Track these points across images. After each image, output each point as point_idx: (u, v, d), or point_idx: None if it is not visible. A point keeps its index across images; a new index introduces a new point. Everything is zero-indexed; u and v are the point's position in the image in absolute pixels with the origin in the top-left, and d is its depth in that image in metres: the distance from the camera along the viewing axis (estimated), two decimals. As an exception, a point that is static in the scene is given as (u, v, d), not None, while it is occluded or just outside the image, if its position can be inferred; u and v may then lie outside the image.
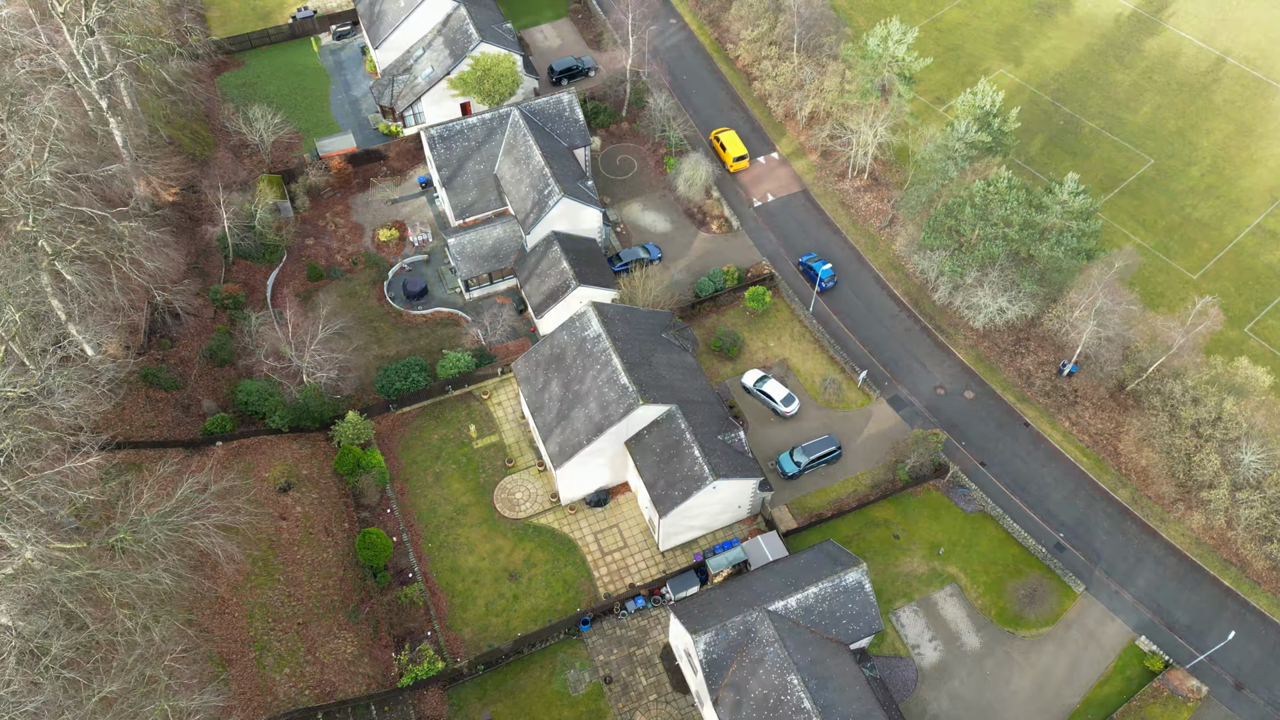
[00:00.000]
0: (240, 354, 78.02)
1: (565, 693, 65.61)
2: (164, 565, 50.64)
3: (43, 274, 60.46)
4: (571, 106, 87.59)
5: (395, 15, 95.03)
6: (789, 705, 56.21)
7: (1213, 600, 69.49)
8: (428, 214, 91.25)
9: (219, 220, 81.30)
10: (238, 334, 79.03)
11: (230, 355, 77.63)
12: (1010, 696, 65.62)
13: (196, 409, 73.86)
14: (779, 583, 61.93)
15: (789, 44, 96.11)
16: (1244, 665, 66.40)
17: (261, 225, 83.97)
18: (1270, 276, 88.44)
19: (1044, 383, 79.74)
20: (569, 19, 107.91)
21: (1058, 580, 70.02)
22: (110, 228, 60.62)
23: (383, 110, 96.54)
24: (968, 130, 77.36)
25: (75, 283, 59.28)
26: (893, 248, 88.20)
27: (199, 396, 74.74)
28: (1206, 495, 68.96)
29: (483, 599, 69.38)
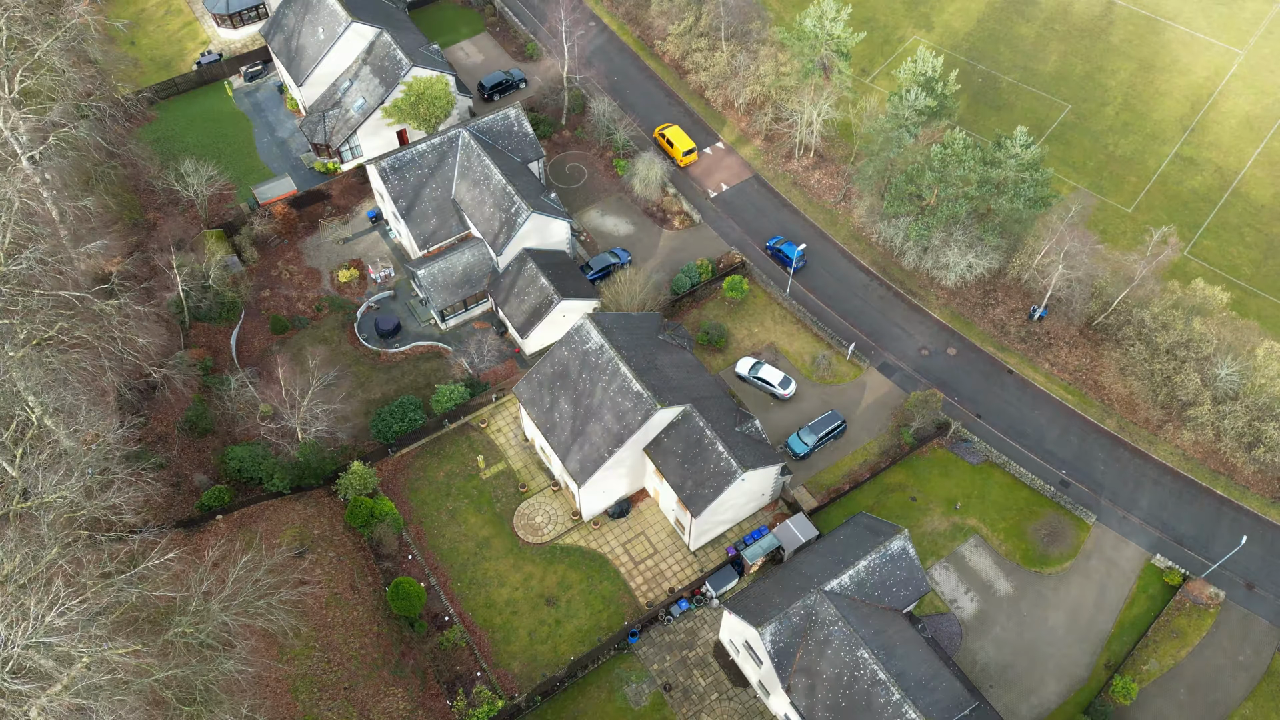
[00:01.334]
0: (221, 420, 74.35)
1: (627, 707, 65.08)
2: (236, 653, 47.86)
3: (13, 368, 56.29)
4: (519, 121, 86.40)
5: (316, 49, 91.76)
6: (863, 679, 57.15)
7: (1211, 510, 73.75)
8: (384, 248, 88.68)
9: (172, 284, 77.13)
10: (213, 400, 75.27)
11: (210, 423, 73.89)
12: (1049, 633, 68.22)
13: (187, 484, 70.19)
14: (826, 562, 62.78)
15: (717, 34, 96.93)
16: (1250, 566, 70.67)
17: (216, 284, 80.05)
18: (1196, 201, 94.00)
19: (1018, 330, 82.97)
20: (487, 33, 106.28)
21: (1070, 515, 73.10)
22: (92, 307, 56.76)
23: (316, 148, 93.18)
24: (917, 98, 79.61)
25: (60, 370, 55.28)
26: (852, 220, 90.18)
27: (186, 471, 71.00)
28: (1192, 413, 73.05)
29: (524, 629, 68.11)
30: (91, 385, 57.53)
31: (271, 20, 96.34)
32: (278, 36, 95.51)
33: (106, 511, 48.53)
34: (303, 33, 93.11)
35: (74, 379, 55.39)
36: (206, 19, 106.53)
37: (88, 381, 57.11)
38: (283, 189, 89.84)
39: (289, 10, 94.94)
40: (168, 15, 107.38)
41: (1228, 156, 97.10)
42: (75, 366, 56.06)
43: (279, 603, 51.60)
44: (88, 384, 57.18)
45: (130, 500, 53.28)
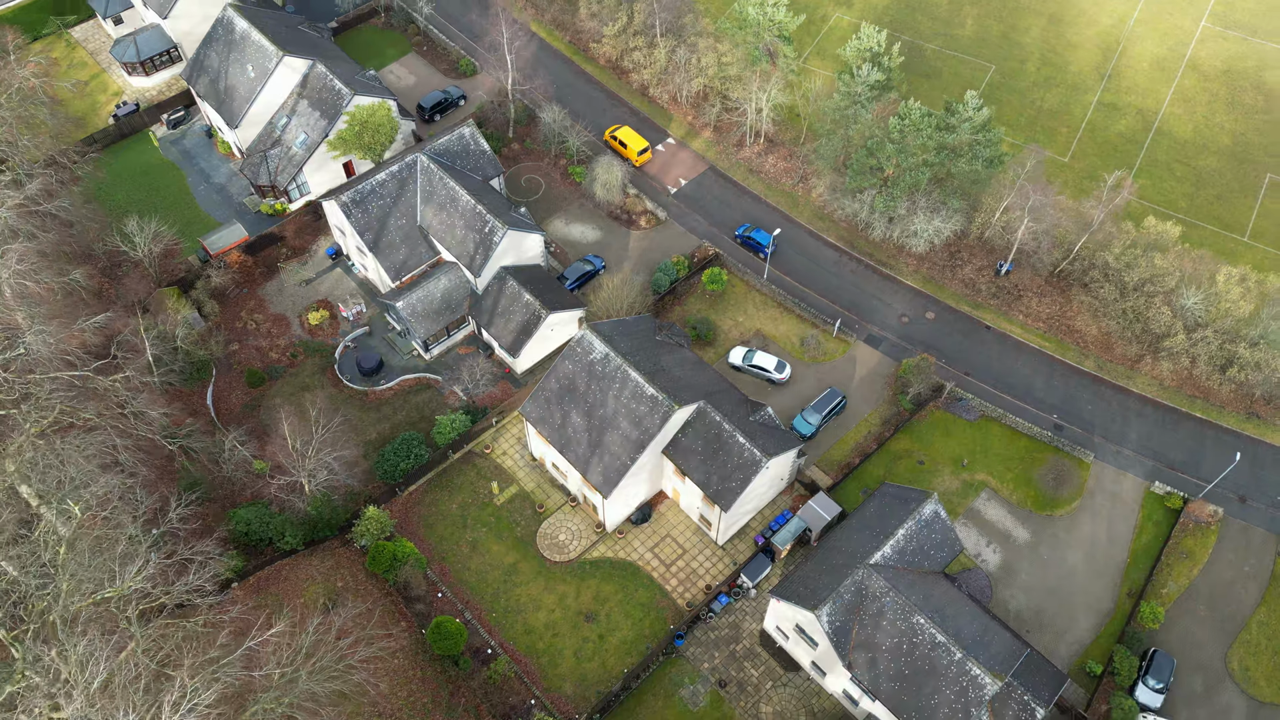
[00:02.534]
0: (219, 484, 71.07)
1: (686, 710, 64.98)
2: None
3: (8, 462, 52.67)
4: (475, 139, 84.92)
5: (248, 89, 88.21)
6: (923, 644, 58.40)
7: (1195, 434, 77.75)
8: (349, 285, 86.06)
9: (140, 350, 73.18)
10: (202, 464, 71.87)
11: (207, 490, 70.53)
12: (1070, 572, 70.90)
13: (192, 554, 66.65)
14: (864, 537, 63.82)
15: (653, 31, 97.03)
16: (1238, 480, 74.70)
17: (184, 344, 76.36)
18: (1123, 143, 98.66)
19: (988, 286, 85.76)
20: (415, 54, 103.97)
21: (1069, 457, 76.03)
22: (93, 386, 53.37)
23: (260, 190, 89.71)
24: (869, 73, 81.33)
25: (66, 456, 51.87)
26: (813, 200, 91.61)
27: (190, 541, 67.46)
28: (1168, 344, 76.81)
29: (569, 649, 67.29)
30: (113, 465, 54.27)
31: (192, 63, 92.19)
32: (202, 79, 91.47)
33: (191, 595, 45.86)
34: (230, 73, 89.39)
35: (89, 463, 52.11)
36: (115, 69, 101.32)
37: (108, 463, 53.82)
38: (233, 236, 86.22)
39: (211, 51, 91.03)
40: (72, 69, 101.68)
41: (1145, 98, 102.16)
42: (96, 448, 52.73)
43: (359, 661, 49.66)
44: (108, 465, 53.91)
45: (210, 579, 50.94)
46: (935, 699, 57.57)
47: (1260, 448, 76.86)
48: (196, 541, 66.51)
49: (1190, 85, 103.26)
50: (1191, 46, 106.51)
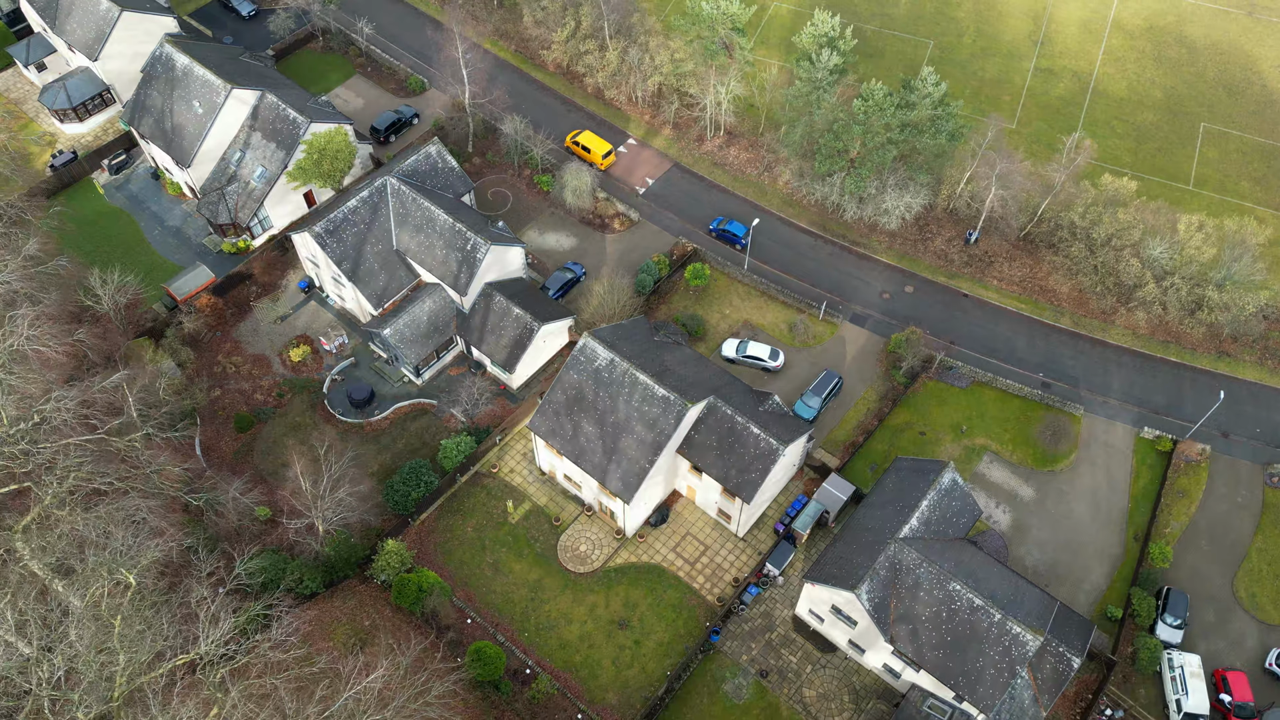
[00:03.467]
0: (223, 536, 68.63)
1: (732, 704, 65.24)
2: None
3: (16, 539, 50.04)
4: (442, 156, 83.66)
5: (197, 125, 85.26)
6: (961, 610, 59.68)
7: (1171, 377, 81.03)
8: (327, 317, 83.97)
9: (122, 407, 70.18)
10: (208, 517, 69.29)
11: (213, 543, 68.04)
12: (1078, 523, 73.23)
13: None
14: (888, 512, 64.87)
15: (602, 34, 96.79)
16: (1217, 416, 77.99)
17: (166, 395, 73.48)
18: (1063, 105, 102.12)
19: (959, 256, 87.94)
20: (360, 75, 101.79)
21: (1061, 412, 78.50)
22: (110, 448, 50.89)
23: (220, 229, 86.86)
24: (829, 59, 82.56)
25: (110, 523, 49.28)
26: (780, 188, 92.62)
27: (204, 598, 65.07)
28: (1140, 294, 79.84)
29: (607, 659, 66.94)
30: (142, 527, 51.86)
31: (133, 104, 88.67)
32: (146, 120, 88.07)
33: (283, 653, 44.10)
34: (176, 111, 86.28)
35: (126, 528, 49.77)
36: (44, 116, 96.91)
37: (135, 526, 51.42)
38: (200, 279, 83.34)
39: (152, 90, 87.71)
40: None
41: (1078, 61, 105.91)
42: (125, 512, 50.34)
43: (435, 698, 48.52)
44: (136, 528, 51.51)
45: (295, 630, 49.27)
46: (980, 661, 58.90)
47: (1233, 384, 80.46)
48: (235, 599, 64.30)
49: (1118, 44, 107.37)
50: (1114, 7, 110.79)
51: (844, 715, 64.91)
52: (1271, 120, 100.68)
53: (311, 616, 65.16)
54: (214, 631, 46.12)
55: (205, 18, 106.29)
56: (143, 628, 44.84)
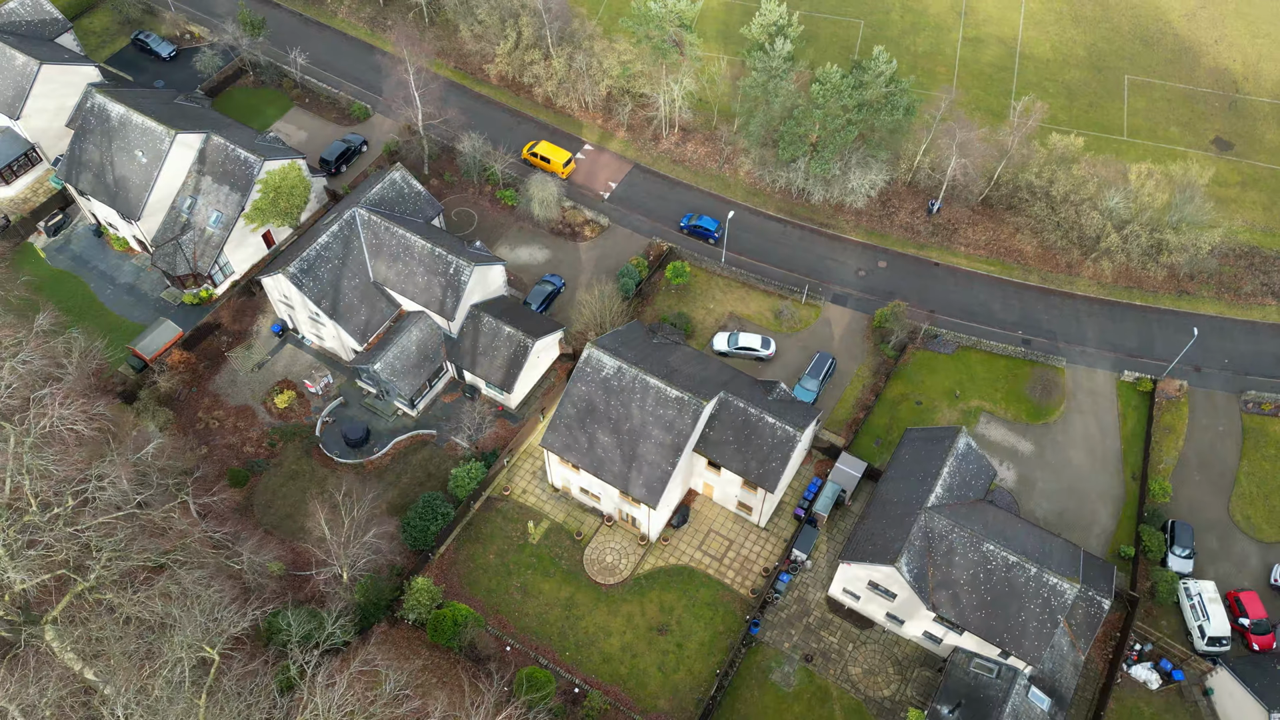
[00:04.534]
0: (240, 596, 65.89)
1: (783, 692, 65.77)
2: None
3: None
4: (407, 181, 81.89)
5: (143, 175, 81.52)
6: (998, 568, 61.34)
7: (1139, 320, 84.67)
8: (305, 359, 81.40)
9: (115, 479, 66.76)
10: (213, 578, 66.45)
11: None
12: (1077, 470, 75.95)
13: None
14: (910, 484, 66.20)
15: (546, 43, 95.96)
16: (1187, 352, 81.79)
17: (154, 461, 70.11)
18: (995, 72, 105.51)
19: (924, 226, 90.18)
20: (298, 107, 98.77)
21: (1046, 366, 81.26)
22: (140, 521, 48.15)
23: (180, 281, 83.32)
24: (783, 46, 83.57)
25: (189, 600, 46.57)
26: (742, 179, 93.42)
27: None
28: (1104, 244, 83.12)
29: (652, 666, 66.71)
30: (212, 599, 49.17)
31: (69, 160, 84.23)
32: (84, 175, 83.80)
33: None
34: (117, 162, 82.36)
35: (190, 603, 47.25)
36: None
37: (193, 600, 48.76)
38: (166, 335, 79.84)
39: (87, 144, 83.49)
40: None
41: (1002, 27, 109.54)
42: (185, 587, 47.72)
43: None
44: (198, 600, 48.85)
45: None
46: (1022, 615, 60.63)
47: (1196, 320, 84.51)
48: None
49: (1036, 8, 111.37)
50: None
51: (891, 687, 66.08)
52: (1187, 67, 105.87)
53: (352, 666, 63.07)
54: (331, 696, 43.94)
55: (123, 63, 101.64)
56: (241, 704, 42.63)
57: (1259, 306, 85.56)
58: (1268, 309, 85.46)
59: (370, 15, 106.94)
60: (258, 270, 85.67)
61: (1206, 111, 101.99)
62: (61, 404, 48.90)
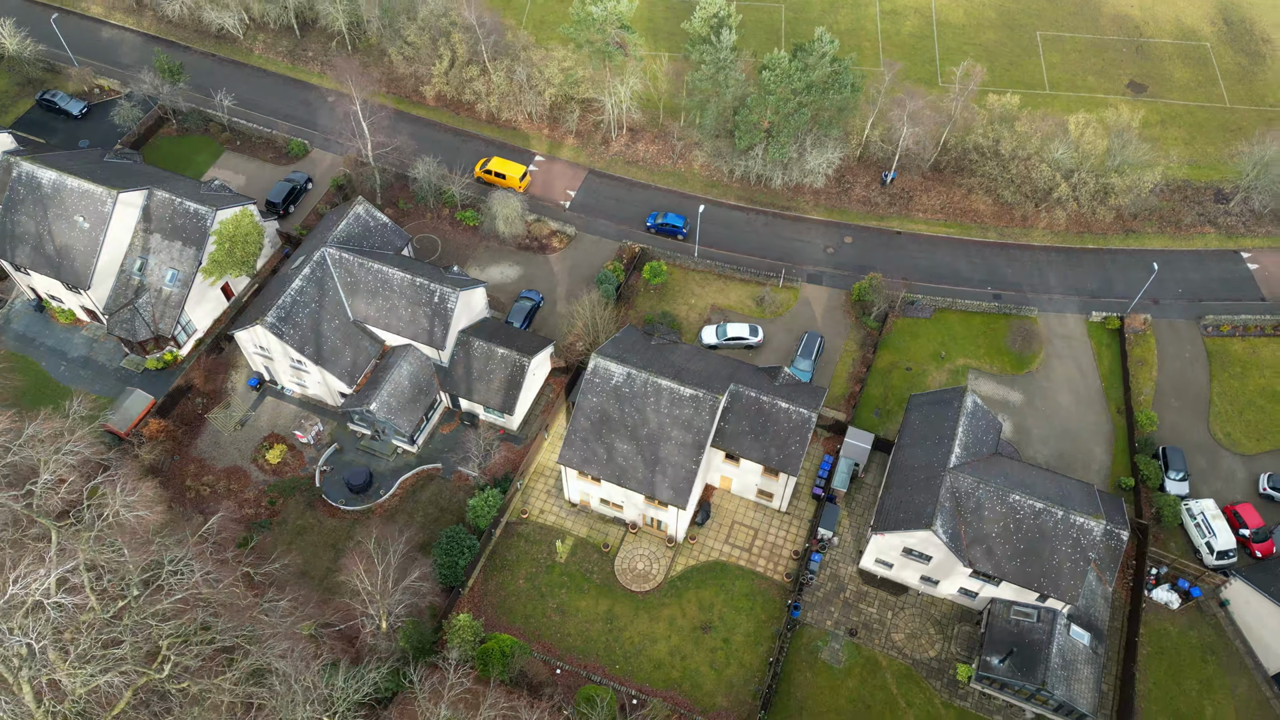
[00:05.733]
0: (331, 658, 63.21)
1: (835, 669, 66.69)
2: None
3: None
4: (370, 214, 79.66)
5: (87, 243, 77.10)
6: (1026, 516, 63.46)
7: (1095, 262, 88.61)
8: (289, 409, 78.46)
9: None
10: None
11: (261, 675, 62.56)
12: (1069, 412, 79.07)
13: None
14: (927, 448, 67.84)
15: (482, 59, 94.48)
16: (1143, 287, 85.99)
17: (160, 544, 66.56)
18: (917, 40, 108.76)
19: (880, 198, 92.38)
20: (231, 151, 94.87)
21: (1019, 317, 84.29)
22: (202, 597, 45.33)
23: (141, 347, 79.24)
24: (728, 38, 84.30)
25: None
26: (698, 172, 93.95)
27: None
28: (1056, 194, 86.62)
29: (703, 666, 66.75)
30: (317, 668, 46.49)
31: (0, 234, 79.01)
32: (20, 249, 78.74)
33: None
34: (56, 231, 77.70)
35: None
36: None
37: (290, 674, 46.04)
38: (139, 405, 75.84)
39: (19, 215, 78.43)
40: None
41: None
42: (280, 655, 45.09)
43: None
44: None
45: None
46: (1055, 558, 62.88)
47: (1146, 255, 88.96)
48: None
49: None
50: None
51: (935, 647, 67.69)
52: (1091, 17, 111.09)
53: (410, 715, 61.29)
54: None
55: (31, 126, 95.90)
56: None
57: (1200, 235, 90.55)
58: (1208, 237, 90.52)
59: (288, 49, 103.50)
60: (222, 325, 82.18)
61: (1117, 58, 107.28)
62: (124, 491, 45.68)
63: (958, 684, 66.07)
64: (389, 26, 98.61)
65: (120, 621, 41.59)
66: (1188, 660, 67.24)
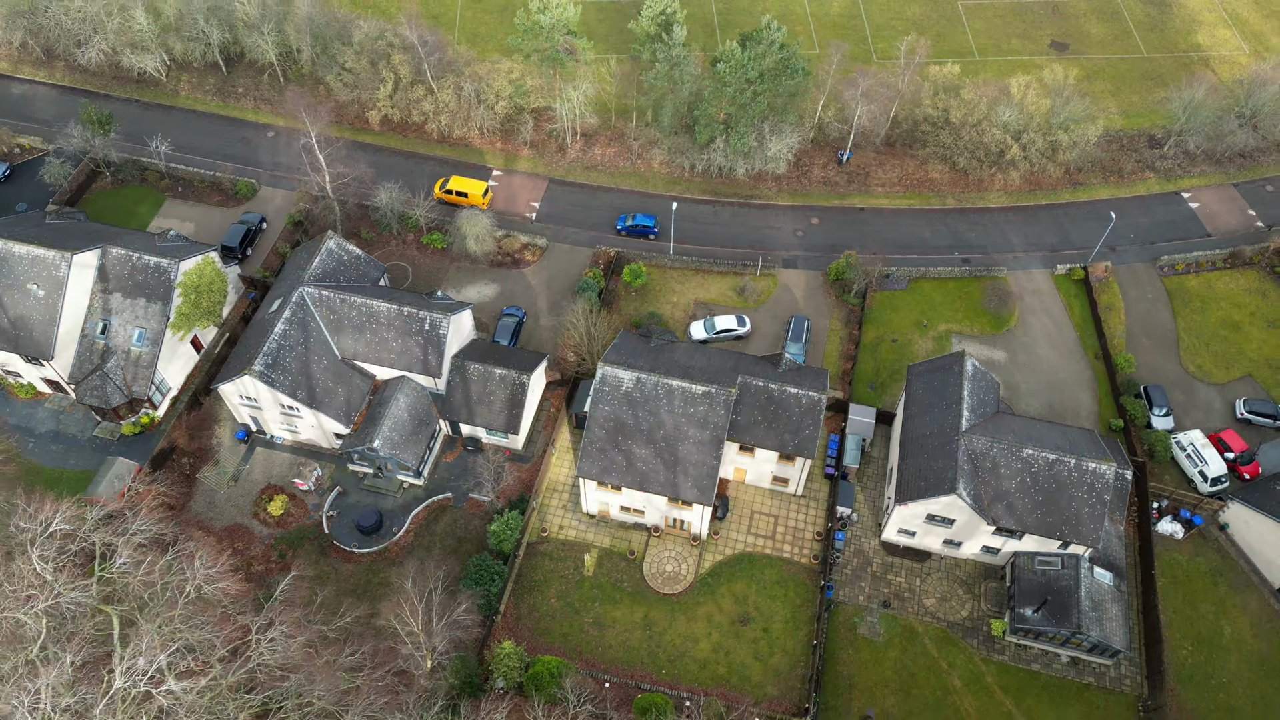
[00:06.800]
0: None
1: (875, 643, 67.79)
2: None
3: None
4: (343, 247, 77.47)
5: (45, 311, 72.99)
6: (1040, 467, 65.54)
7: (1050, 217, 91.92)
8: (282, 458, 75.84)
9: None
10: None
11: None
12: (1051, 364, 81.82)
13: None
14: (934, 416, 69.32)
15: (426, 78, 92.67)
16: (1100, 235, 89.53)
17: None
18: (846, 20, 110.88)
19: (839, 177, 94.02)
20: (174, 199, 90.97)
21: (990, 278, 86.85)
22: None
23: (114, 414, 75.52)
24: (679, 34, 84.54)
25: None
26: (657, 170, 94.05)
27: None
28: (1009, 155, 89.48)
29: (748, 657, 67.06)
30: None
31: (-55, 312, 74.28)
32: (-31, 325, 74.18)
33: None
34: (8, 303, 73.34)
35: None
36: None
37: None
38: (124, 474, 72.29)
39: (-37, 289, 73.90)
40: None
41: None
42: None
43: None
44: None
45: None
46: (1073, 505, 65.10)
47: (1095, 205, 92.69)
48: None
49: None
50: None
51: (966, 606, 69.41)
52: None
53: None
54: None
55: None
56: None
57: (1141, 181, 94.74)
58: (1149, 181, 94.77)
59: (216, 86, 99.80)
60: (196, 379, 78.92)
61: (1036, 19, 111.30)
62: (202, 563, 43.10)
63: (993, 639, 67.88)
64: (323, 54, 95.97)
65: (209, 695, 39.47)
66: (1199, 585, 70.42)
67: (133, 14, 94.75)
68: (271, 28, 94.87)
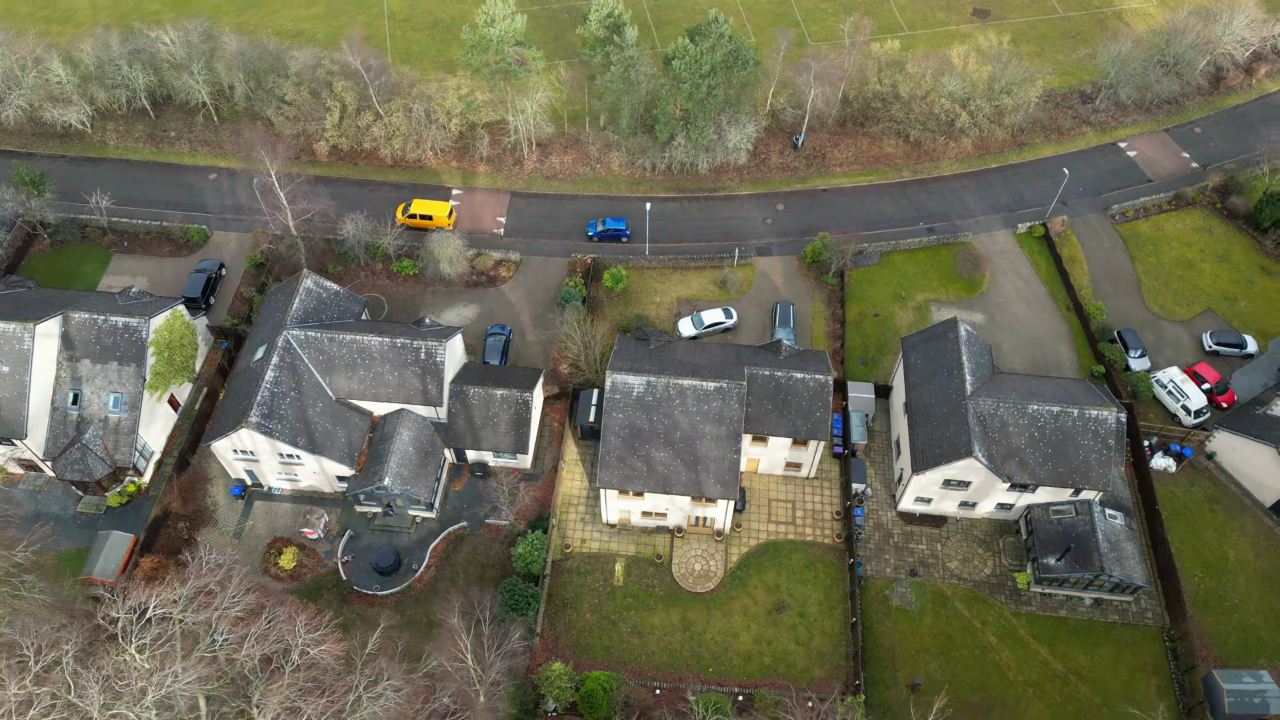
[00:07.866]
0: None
1: (909, 612, 69.06)
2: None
3: None
4: (320, 284, 75.16)
5: (13, 389, 68.81)
6: (1046, 421, 67.67)
7: (1003, 179, 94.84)
8: (284, 509, 73.27)
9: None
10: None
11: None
12: (1027, 321, 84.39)
13: None
14: (937, 384, 70.92)
15: (372, 103, 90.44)
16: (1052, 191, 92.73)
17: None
18: (776, 6, 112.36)
19: (797, 162, 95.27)
20: (120, 254, 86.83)
21: (958, 244, 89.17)
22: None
23: (97, 488, 71.84)
24: (630, 34, 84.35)
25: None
26: (618, 172, 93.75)
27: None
28: (959, 124, 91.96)
29: (790, 644, 67.56)
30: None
31: (-101, 402, 69.41)
32: (-73, 412, 69.50)
33: None
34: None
35: None
36: None
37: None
38: (119, 548, 68.79)
39: (-83, 374, 69.18)
40: None
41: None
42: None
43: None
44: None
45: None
46: (1081, 453, 67.43)
47: (1042, 164, 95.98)
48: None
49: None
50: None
51: (989, 564, 71.25)
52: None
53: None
54: None
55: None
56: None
57: (1080, 136, 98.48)
58: (1087, 136, 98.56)
59: (146, 133, 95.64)
60: (178, 439, 75.63)
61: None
62: (306, 628, 40.75)
63: (1020, 592, 69.87)
64: (258, 88, 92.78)
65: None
66: (1198, 514, 73.73)
67: (49, 66, 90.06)
68: (200, 66, 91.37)
